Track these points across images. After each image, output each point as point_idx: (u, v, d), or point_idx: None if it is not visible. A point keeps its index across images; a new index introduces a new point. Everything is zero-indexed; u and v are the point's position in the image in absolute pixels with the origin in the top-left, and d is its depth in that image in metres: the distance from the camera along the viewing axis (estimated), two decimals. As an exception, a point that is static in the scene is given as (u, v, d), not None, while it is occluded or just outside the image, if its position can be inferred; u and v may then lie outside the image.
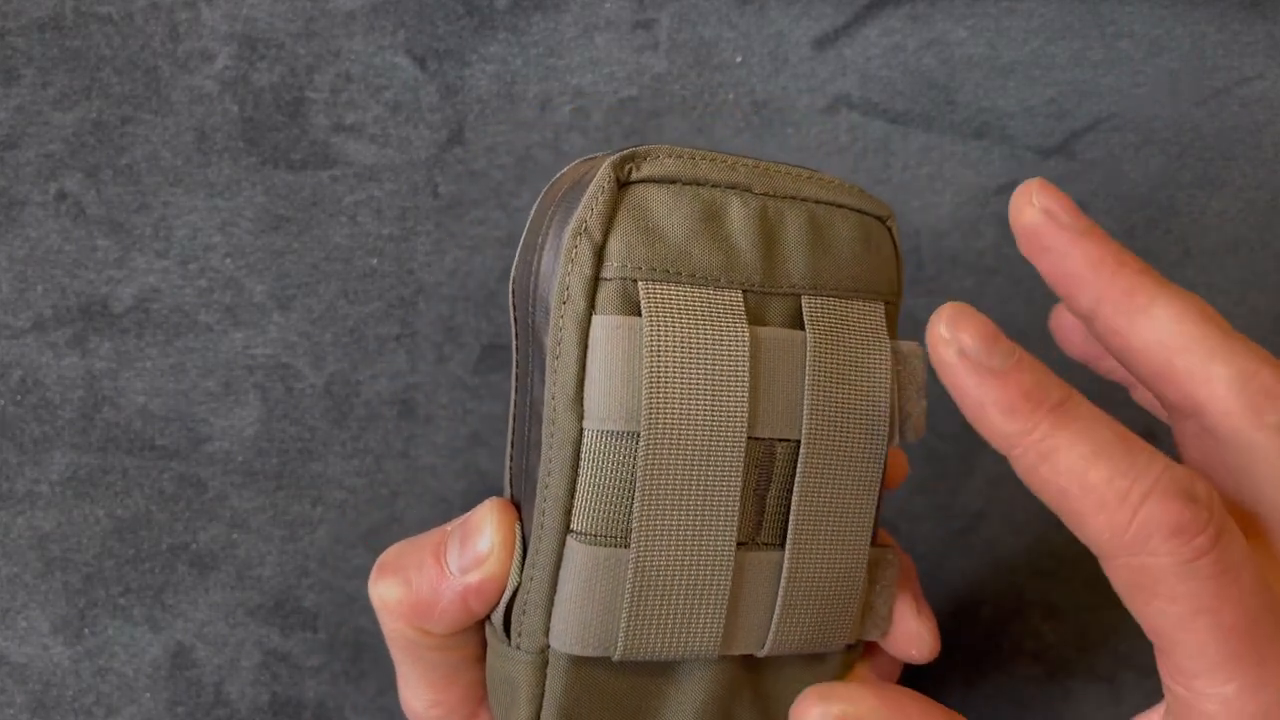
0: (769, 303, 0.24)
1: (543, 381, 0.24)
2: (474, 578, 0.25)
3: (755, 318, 0.24)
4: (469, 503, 0.41)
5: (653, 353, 0.23)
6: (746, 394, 0.23)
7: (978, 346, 0.22)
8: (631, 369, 0.23)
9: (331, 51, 0.39)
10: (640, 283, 0.23)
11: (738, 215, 0.24)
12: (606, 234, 0.23)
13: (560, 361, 0.23)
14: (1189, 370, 0.22)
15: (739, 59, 0.41)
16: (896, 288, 0.27)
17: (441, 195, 0.40)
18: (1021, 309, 0.43)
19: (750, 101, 0.41)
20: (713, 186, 0.24)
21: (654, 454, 0.23)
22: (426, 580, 0.26)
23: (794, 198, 0.25)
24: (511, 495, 0.27)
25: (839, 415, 0.25)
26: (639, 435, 0.23)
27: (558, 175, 0.26)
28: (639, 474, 0.23)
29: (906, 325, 0.42)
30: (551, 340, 0.23)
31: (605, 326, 0.23)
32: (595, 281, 0.23)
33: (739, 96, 0.41)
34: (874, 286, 0.26)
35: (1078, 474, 0.21)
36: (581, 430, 0.23)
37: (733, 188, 0.24)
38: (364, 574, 0.40)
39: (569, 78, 0.40)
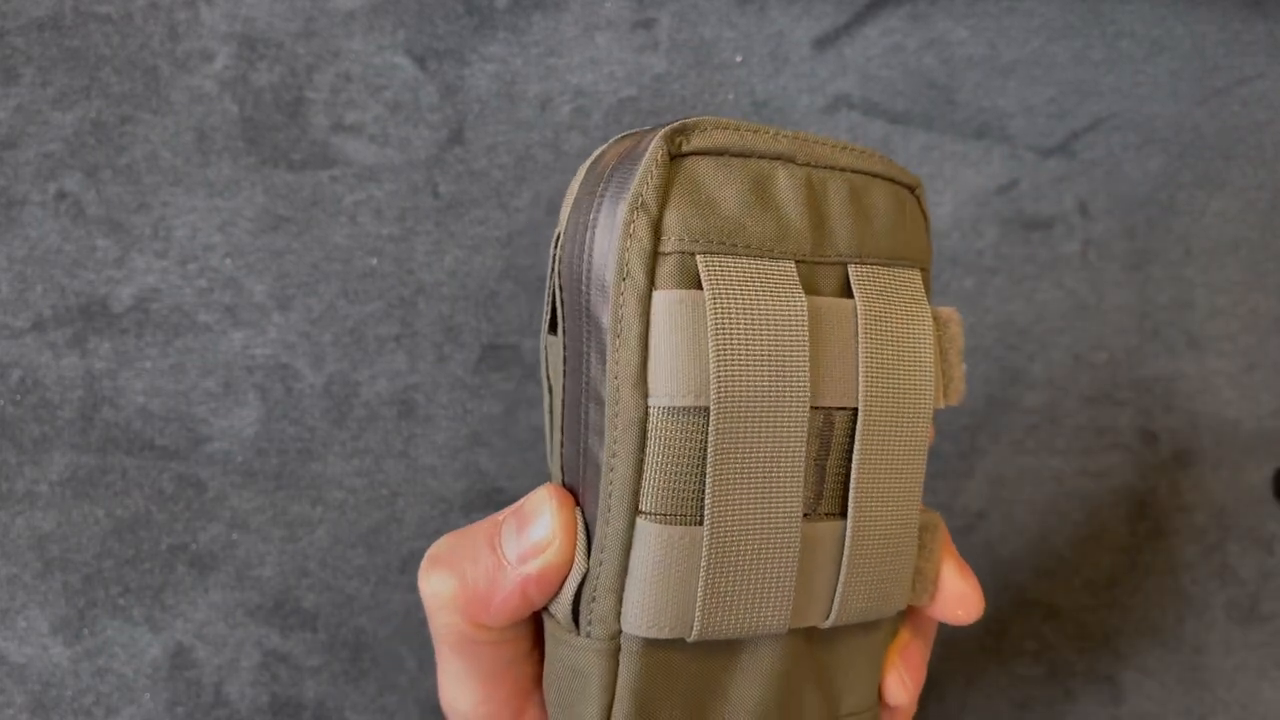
0: (819, 272, 0.24)
1: (601, 363, 0.24)
2: (534, 566, 0.24)
3: (807, 287, 0.24)
4: (469, 502, 0.41)
5: (718, 325, 0.23)
6: (808, 363, 0.23)
7: None
8: (696, 343, 0.23)
9: (331, 51, 0.39)
10: (699, 256, 0.23)
11: (785, 186, 0.24)
12: (663, 207, 0.23)
13: (622, 339, 0.23)
14: None
15: (739, 59, 0.41)
16: (929, 255, 0.28)
17: (441, 195, 0.40)
18: (1022, 308, 0.43)
19: (751, 101, 0.41)
20: (759, 158, 0.24)
21: (725, 428, 0.23)
22: (483, 571, 0.25)
23: (833, 167, 0.25)
24: (564, 481, 0.26)
25: (891, 380, 0.25)
26: (708, 410, 0.23)
27: (597, 154, 0.26)
28: (710, 449, 0.23)
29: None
30: (611, 319, 0.23)
31: (667, 301, 0.23)
32: (654, 256, 0.23)
33: (739, 96, 0.41)
34: (910, 254, 0.26)
35: None
36: (647, 409, 0.23)
37: (778, 159, 0.24)
38: (364, 574, 0.40)
39: (569, 77, 0.40)
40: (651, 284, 0.23)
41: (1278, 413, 0.45)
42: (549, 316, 0.26)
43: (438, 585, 0.25)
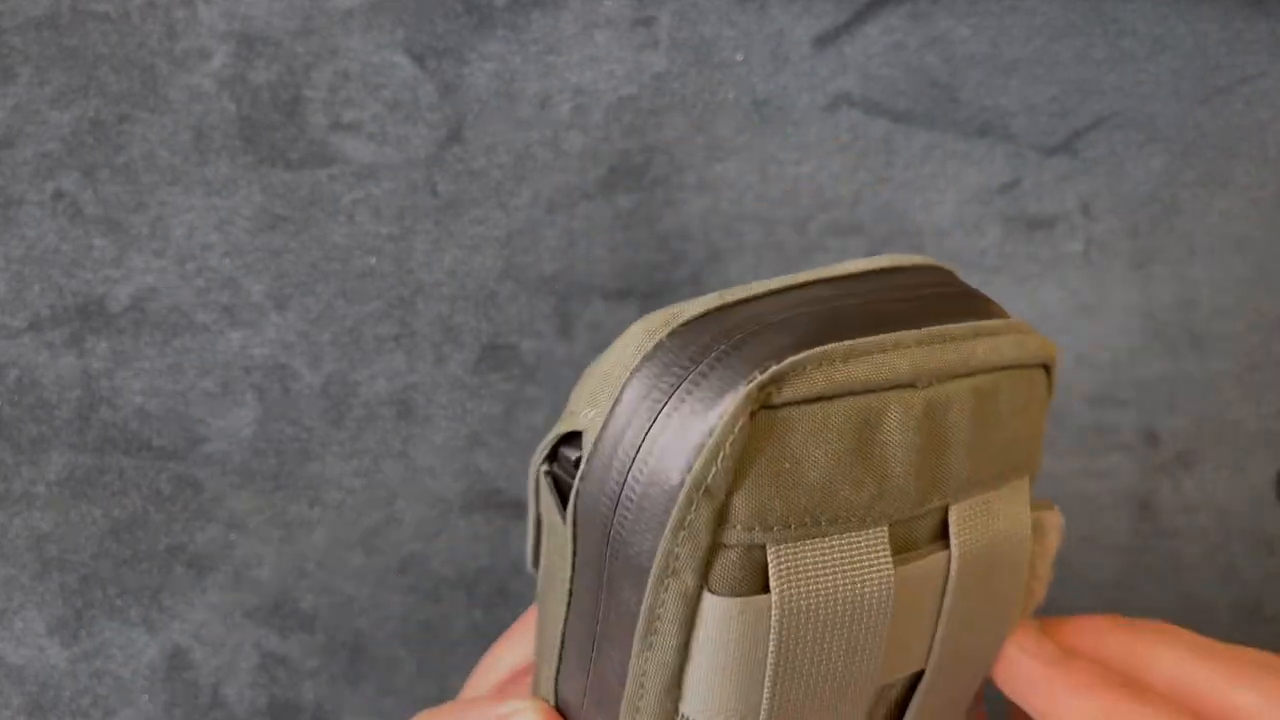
0: (916, 523, 0.20)
1: (621, 649, 0.19)
2: None
3: (901, 544, 0.20)
4: (468, 503, 0.41)
5: (781, 644, 0.18)
6: (883, 653, 0.20)
7: None
8: (751, 660, 0.18)
9: (329, 49, 0.39)
10: (770, 548, 0.18)
11: (895, 427, 0.19)
12: (733, 490, 0.18)
13: (657, 638, 0.19)
14: None
15: (739, 57, 0.41)
16: (1041, 444, 0.23)
17: (440, 194, 0.40)
18: (1024, 308, 0.43)
19: (751, 100, 0.41)
20: (869, 392, 0.19)
21: None
22: None
23: (960, 375, 0.20)
24: (556, 704, 0.22)
25: (968, 638, 0.21)
26: None
27: (656, 341, 0.19)
28: None
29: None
30: (646, 615, 0.18)
31: (723, 613, 0.18)
32: (713, 551, 0.18)
33: (739, 95, 0.41)
34: (1025, 457, 0.22)
35: None
36: (676, 714, 0.19)
37: (893, 388, 0.19)
38: (362, 575, 0.40)
39: (568, 75, 0.40)
40: (703, 585, 0.18)
41: (1281, 413, 0.45)
42: (532, 545, 0.22)
43: None
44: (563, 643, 0.21)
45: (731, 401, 0.18)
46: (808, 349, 0.18)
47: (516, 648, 0.26)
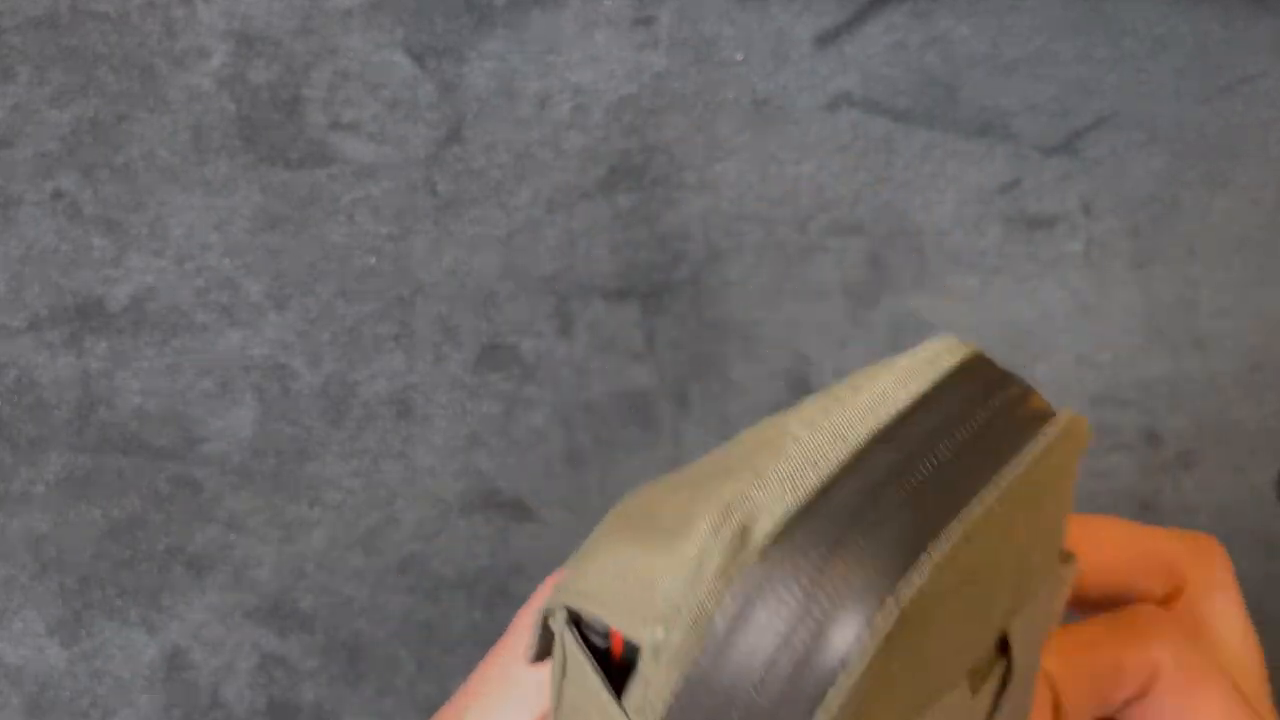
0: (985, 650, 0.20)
1: None
2: None
3: (970, 677, 0.20)
4: (468, 503, 0.40)
5: None
6: None
7: None
8: None
9: (329, 49, 0.39)
10: None
11: (986, 593, 0.19)
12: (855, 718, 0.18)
13: None
14: None
15: (740, 56, 0.41)
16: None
17: (439, 194, 0.39)
18: (1025, 308, 0.43)
19: (751, 99, 0.41)
20: (970, 542, 0.18)
21: None
22: None
23: (1031, 504, 0.20)
24: None
25: (1012, 713, 0.22)
26: None
27: (744, 567, 0.18)
28: None
29: (910, 324, 0.42)
30: None
31: None
32: None
33: (740, 94, 0.41)
34: (1063, 539, 0.22)
35: None
36: None
37: (990, 536, 0.19)
38: (362, 575, 0.40)
39: (568, 75, 0.40)
40: None
41: (1282, 413, 0.45)
42: (537, 649, 0.21)
43: None
44: None
45: (855, 642, 0.17)
46: (909, 555, 0.18)
47: (508, 715, 0.24)
